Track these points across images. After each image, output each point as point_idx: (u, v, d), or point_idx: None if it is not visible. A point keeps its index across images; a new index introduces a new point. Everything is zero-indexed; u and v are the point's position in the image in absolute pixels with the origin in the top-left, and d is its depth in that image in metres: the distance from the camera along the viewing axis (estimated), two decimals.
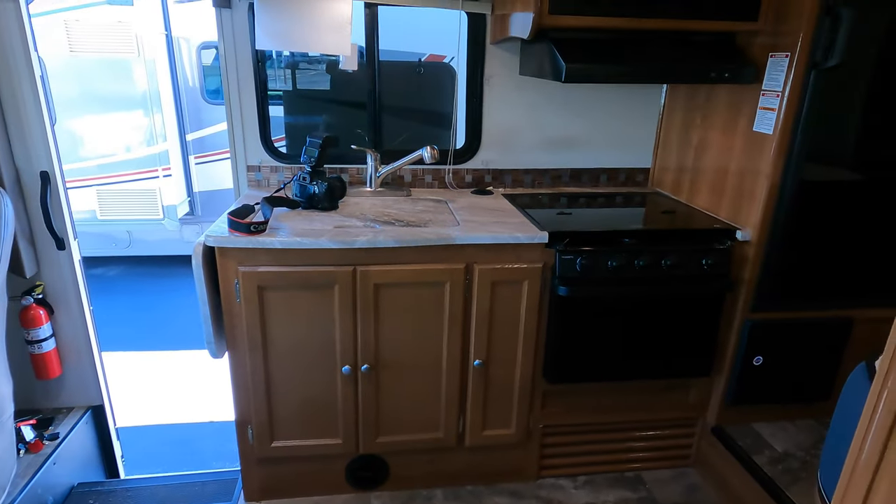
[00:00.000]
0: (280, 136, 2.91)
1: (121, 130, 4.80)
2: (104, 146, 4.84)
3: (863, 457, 0.81)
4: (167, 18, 4.87)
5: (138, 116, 4.78)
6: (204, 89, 5.17)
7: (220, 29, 2.09)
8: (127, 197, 4.93)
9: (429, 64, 2.59)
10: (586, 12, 1.73)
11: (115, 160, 4.86)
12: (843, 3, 1.62)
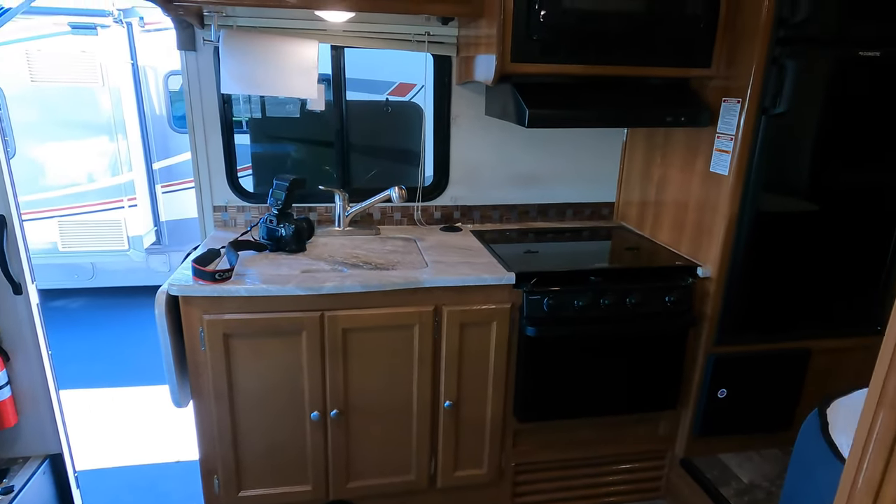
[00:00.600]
0: (246, 166, 2.90)
1: (84, 160, 4.70)
2: (67, 176, 4.72)
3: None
4: (133, 47, 4.81)
5: (103, 146, 4.69)
6: (171, 117, 5.11)
7: (185, 71, 2.09)
8: (90, 228, 4.81)
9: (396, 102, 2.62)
10: (546, 60, 1.77)
11: (79, 190, 4.75)
12: (787, 55, 1.70)
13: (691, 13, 1.80)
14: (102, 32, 4.45)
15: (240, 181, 2.26)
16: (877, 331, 2.10)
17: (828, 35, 1.74)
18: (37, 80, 4.43)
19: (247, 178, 2.64)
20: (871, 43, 1.76)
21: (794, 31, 1.69)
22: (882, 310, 2.08)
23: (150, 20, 4.72)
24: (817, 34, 1.72)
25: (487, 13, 1.79)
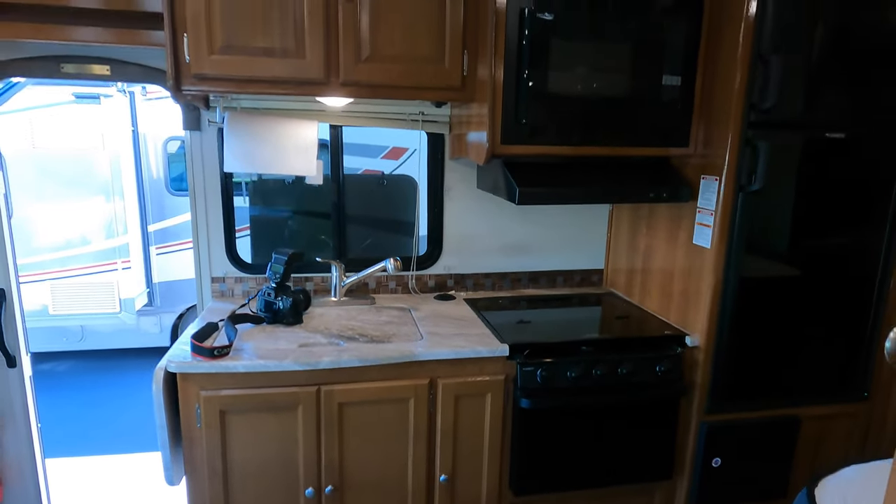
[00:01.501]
0: (244, 226, 2.97)
1: (80, 222, 4.75)
2: (62, 238, 4.76)
3: None
4: (134, 114, 4.97)
5: (99, 208, 4.76)
6: (168, 180, 5.22)
7: (189, 150, 2.18)
8: (83, 291, 4.80)
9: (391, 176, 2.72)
10: (534, 142, 1.88)
11: (73, 253, 4.78)
12: (759, 137, 1.82)
13: (668, 98, 1.93)
14: (105, 102, 4.61)
15: (238, 253, 2.31)
16: (864, 397, 2.14)
17: (796, 119, 1.87)
18: (38, 147, 4.55)
19: (244, 238, 2.70)
20: (837, 126, 1.90)
21: (764, 116, 1.82)
22: (866, 376, 2.13)
23: (152, 90, 4.89)
24: (786, 118, 1.85)
25: (478, 98, 1.91)
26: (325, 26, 1.77)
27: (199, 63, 1.72)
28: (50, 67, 2.03)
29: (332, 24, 1.77)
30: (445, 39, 1.85)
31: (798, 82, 1.83)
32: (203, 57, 1.72)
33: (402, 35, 1.82)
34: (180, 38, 1.71)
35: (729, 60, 1.81)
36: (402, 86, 1.87)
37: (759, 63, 1.78)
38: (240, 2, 1.71)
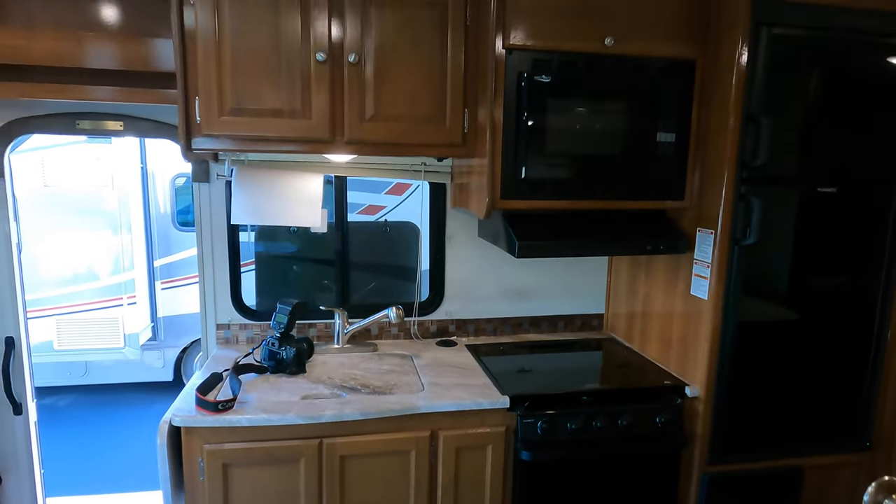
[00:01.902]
0: (249, 261, 3.01)
1: (87, 258, 4.82)
2: (69, 274, 4.82)
3: None
4: (143, 152, 5.08)
5: (107, 244, 4.83)
6: (175, 217, 5.30)
7: (198, 200, 2.24)
8: (87, 326, 4.84)
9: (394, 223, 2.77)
10: (533, 197, 1.93)
11: (80, 289, 4.83)
12: (752, 192, 1.87)
13: (663, 154, 1.98)
14: (116, 140, 4.72)
15: (243, 298, 2.35)
16: (866, 447, 2.14)
17: (788, 175, 1.92)
18: (49, 185, 4.64)
19: (248, 272, 2.75)
20: (828, 181, 1.95)
21: (756, 173, 1.87)
22: (867, 425, 2.13)
23: None
24: (778, 175, 1.90)
25: (479, 154, 1.96)
26: (331, 88, 1.84)
27: (210, 124, 1.79)
28: (67, 124, 2.11)
29: (337, 86, 1.85)
30: (447, 99, 1.92)
31: (788, 141, 1.89)
32: (213, 118, 1.79)
33: (405, 96, 1.89)
34: (192, 100, 1.78)
35: (720, 120, 1.87)
36: (404, 143, 1.93)
37: (749, 123, 1.83)
38: (250, 67, 1.78)
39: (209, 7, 1.73)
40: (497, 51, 1.82)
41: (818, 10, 1.83)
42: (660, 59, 1.93)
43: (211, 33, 1.75)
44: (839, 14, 1.84)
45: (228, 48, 1.76)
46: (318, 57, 1.80)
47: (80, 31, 1.92)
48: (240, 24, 1.76)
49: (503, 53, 1.83)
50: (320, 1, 1.79)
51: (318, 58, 1.80)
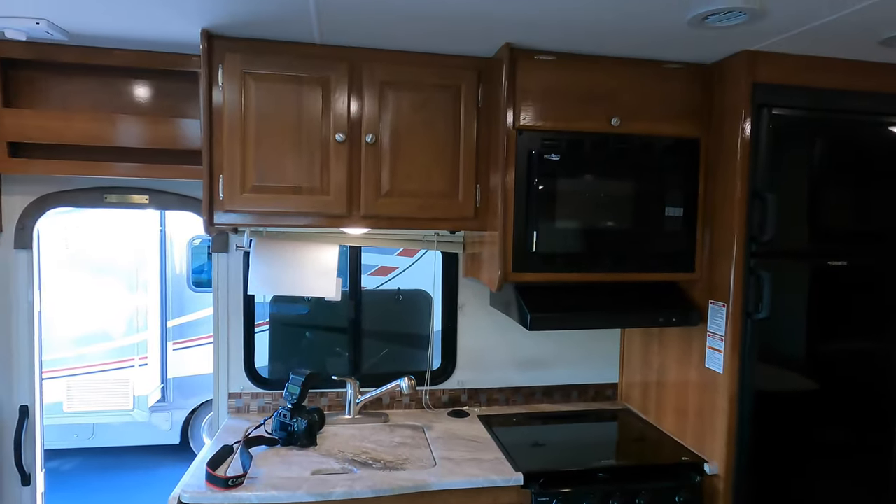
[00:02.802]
0: (263, 321, 3.03)
1: (102, 319, 4.87)
2: (83, 334, 4.86)
3: None
4: (163, 215, 5.23)
5: (122, 305, 4.89)
6: (190, 278, 5.38)
7: (216, 270, 2.29)
8: (98, 387, 4.83)
9: (407, 291, 2.81)
10: (545, 270, 1.97)
11: (93, 349, 4.86)
12: (761, 266, 1.89)
13: (672, 228, 2.02)
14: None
15: (256, 368, 2.36)
16: None
17: (797, 249, 1.94)
18: (70, 247, 4.77)
19: (262, 332, 2.76)
20: (838, 254, 1.96)
21: (765, 247, 1.89)
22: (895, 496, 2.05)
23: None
24: (787, 249, 1.92)
25: (490, 227, 2.01)
26: (349, 166, 1.92)
27: (232, 200, 1.86)
28: (95, 198, 2.20)
29: (354, 164, 1.93)
30: (459, 175, 1.99)
31: (795, 215, 1.93)
32: (236, 195, 1.86)
33: (419, 172, 1.96)
34: (216, 178, 1.86)
35: (727, 196, 1.92)
36: (418, 217, 1.99)
37: (755, 198, 1.88)
38: (272, 146, 1.87)
39: (236, 89, 1.84)
40: (508, 131, 1.90)
41: (817, 93, 1.91)
42: (665, 138, 2.00)
43: (237, 114, 1.85)
44: (837, 96, 1.92)
45: (253, 128, 1.86)
46: (337, 137, 1.89)
47: (113, 113, 2.04)
48: (264, 105, 1.86)
49: (514, 133, 1.91)
50: (340, 85, 1.90)
51: (337, 138, 1.89)
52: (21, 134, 1.97)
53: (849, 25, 1.63)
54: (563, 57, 1.94)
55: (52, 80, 2.05)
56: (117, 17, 1.70)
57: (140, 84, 2.10)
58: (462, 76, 1.97)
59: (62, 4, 1.61)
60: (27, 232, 2.16)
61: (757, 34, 1.72)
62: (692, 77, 2.00)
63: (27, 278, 2.19)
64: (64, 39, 1.88)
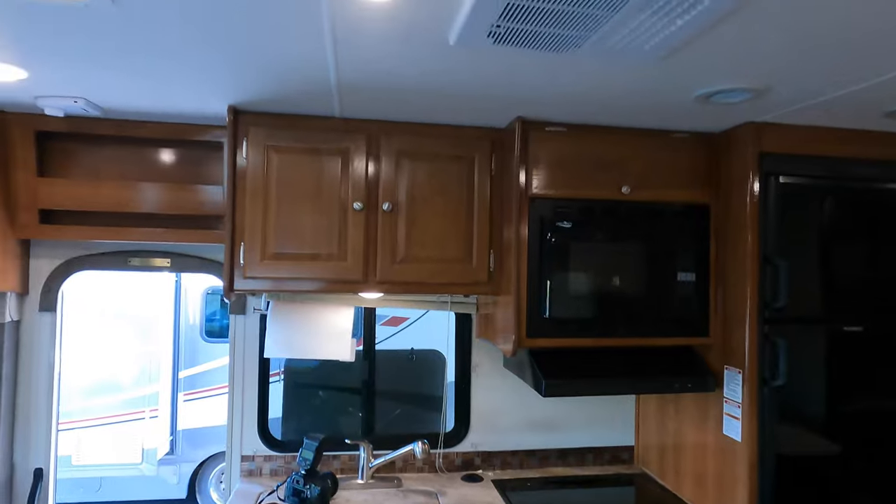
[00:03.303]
0: (276, 371, 3.02)
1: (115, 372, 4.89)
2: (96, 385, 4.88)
3: None
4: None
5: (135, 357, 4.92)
6: (203, 328, 5.41)
7: (233, 333, 2.32)
8: (109, 441, 4.81)
9: (420, 351, 2.82)
10: (558, 335, 1.98)
11: (104, 401, 4.86)
12: (776, 333, 1.89)
13: (684, 293, 2.03)
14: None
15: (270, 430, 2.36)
16: None
17: (811, 315, 1.94)
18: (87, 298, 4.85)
19: (275, 383, 2.75)
20: (853, 320, 1.96)
21: (779, 313, 1.90)
22: None
23: None
24: (802, 315, 1.92)
25: (504, 291, 2.04)
26: (366, 234, 1.97)
27: (252, 268, 1.91)
28: (119, 261, 2.26)
29: (371, 232, 1.98)
30: (473, 241, 2.04)
31: (808, 280, 1.93)
32: (255, 262, 1.91)
33: (434, 239, 2.01)
34: (237, 245, 1.92)
35: (738, 262, 1.94)
36: (433, 282, 2.03)
37: (766, 264, 1.89)
38: (292, 216, 1.93)
39: (259, 161, 1.92)
40: (520, 198, 1.96)
41: (824, 161, 1.95)
42: (675, 204, 2.04)
43: (259, 184, 1.92)
44: (845, 164, 1.96)
45: (274, 198, 1.93)
46: (355, 206, 1.95)
47: (140, 181, 2.12)
48: (286, 175, 1.93)
49: (526, 201, 1.96)
50: (359, 155, 1.97)
51: (355, 206, 1.95)
52: (53, 202, 2.06)
53: (852, 100, 1.68)
54: (574, 128, 2.00)
55: (84, 149, 2.15)
56: (152, 96, 1.80)
57: (166, 152, 2.19)
58: (476, 146, 2.04)
59: (101, 85, 1.71)
60: (52, 294, 2.22)
61: (762, 108, 1.78)
62: (700, 146, 2.06)
63: (50, 340, 2.23)
64: (98, 114, 1.98)
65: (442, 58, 1.42)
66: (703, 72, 1.48)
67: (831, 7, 1.11)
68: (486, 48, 1.31)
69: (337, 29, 1.27)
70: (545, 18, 1.14)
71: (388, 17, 1.21)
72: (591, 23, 1.16)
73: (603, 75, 1.53)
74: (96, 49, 1.42)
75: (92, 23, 1.26)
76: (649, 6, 1.09)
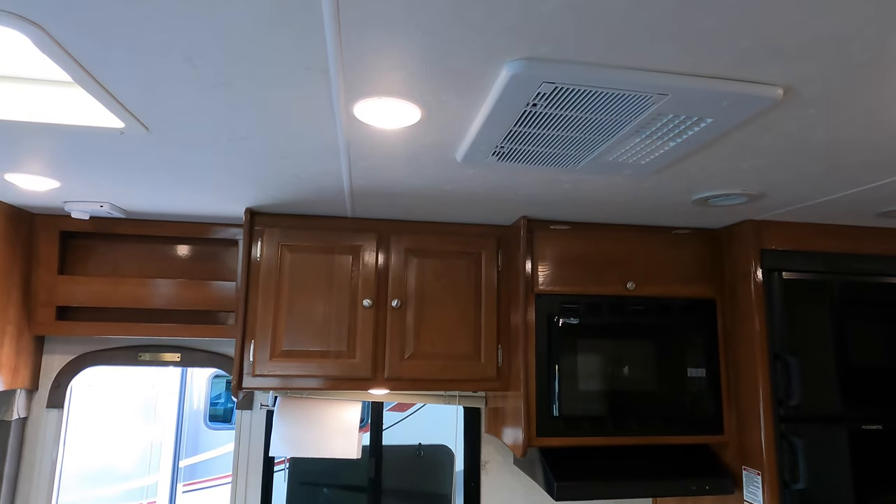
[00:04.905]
0: (281, 460, 2.92)
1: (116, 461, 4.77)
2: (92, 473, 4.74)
3: None
4: None
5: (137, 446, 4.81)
6: (207, 414, 5.32)
7: (239, 428, 2.29)
8: None
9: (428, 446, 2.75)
10: (569, 434, 1.94)
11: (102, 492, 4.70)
12: (792, 432, 1.84)
13: (696, 390, 2.01)
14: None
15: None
16: None
17: (828, 414, 1.90)
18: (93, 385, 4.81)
19: (280, 472, 2.65)
20: (871, 419, 1.91)
21: (794, 411, 1.86)
22: None
23: None
24: (818, 413, 1.89)
25: (513, 387, 2.02)
26: (374, 331, 1.99)
27: (262, 366, 1.92)
28: (130, 356, 2.28)
29: (380, 329, 2.00)
30: (481, 339, 2.05)
31: (822, 378, 1.91)
32: (265, 361, 1.93)
33: (442, 336, 2.03)
34: (248, 343, 1.94)
35: (748, 359, 1.93)
36: (441, 379, 2.02)
37: (777, 361, 1.88)
38: (304, 314, 1.97)
39: (273, 260, 1.98)
40: (527, 295, 1.99)
41: (825, 256, 1.99)
42: (681, 299, 2.06)
43: (272, 283, 1.97)
44: (845, 259, 1.99)
45: (286, 296, 1.97)
46: (364, 303, 1.99)
47: (157, 278, 2.18)
48: (298, 273, 1.99)
49: (533, 297, 1.99)
50: (369, 252, 2.03)
51: (364, 304, 1.99)
52: (72, 299, 2.11)
53: (845, 203, 1.74)
54: (577, 226, 2.07)
55: (104, 247, 2.23)
56: (174, 201, 1.89)
57: (182, 248, 2.27)
58: (482, 244, 2.10)
59: (127, 193, 1.80)
60: (61, 390, 2.22)
61: (759, 208, 1.84)
62: (702, 242, 2.11)
63: (55, 437, 2.21)
64: (121, 216, 2.07)
65: (449, 171, 1.51)
66: (698, 181, 1.55)
67: (811, 128, 1.19)
68: (490, 164, 1.39)
69: (351, 149, 1.36)
70: (545, 142, 1.23)
71: (399, 141, 1.30)
72: (588, 146, 1.24)
73: (602, 183, 1.60)
74: (127, 168, 1.52)
75: (125, 146, 1.36)
76: (643, 132, 1.17)
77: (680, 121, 1.10)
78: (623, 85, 0.97)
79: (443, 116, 1.16)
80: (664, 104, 1.03)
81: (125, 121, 1.21)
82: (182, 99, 1.11)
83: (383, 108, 1.12)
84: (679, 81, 0.96)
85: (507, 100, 1.03)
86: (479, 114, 1.13)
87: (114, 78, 1.02)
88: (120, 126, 1.23)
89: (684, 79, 0.96)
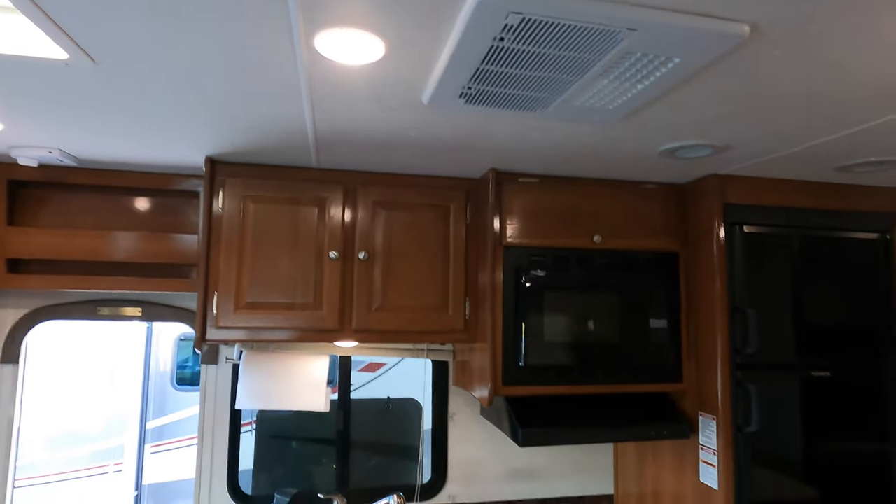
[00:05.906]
0: (248, 421, 2.93)
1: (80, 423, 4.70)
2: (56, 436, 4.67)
3: None
4: None
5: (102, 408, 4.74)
6: (174, 375, 5.26)
7: (204, 384, 2.27)
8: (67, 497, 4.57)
9: (397, 400, 2.78)
10: (535, 383, 1.98)
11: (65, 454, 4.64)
12: (747, 379, 1.92)
13: (658, 340, 2.06)
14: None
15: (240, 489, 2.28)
16: None
17: (781, 361, 1.98)
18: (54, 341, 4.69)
19: (247, 433, 2.67)
20: (820, 366, 2.00)
21: (750, 360, 1.93)
22: None
23: None
24: (772, 361, 1.96)
25: (480, 339, 2.04)
26: (341, 283, 1.97)
27: (226, 317, 1.89)
28: (88, 311, 2.22)
29: (347, 281, 1.98)
30: (449, 290, 2.05)
31: (777, 328, 1.98)
32: (229, 312, 1.89)
33: (410, 288, 2.02)
34: (211, 295, 1.90)
35: (708, 310, 1.98)
36: (409, 331, 2.02)
37: (735, 313, 1.94)
38: (268, 265, 1.93)
39: (236, 211, 1.93)
40: (495, 247, 1.99)
41: (785, 211, 2.04)
42: (646, 252, 2.10)
43: (235, 234, 1.92)
44: (805, 214, 2.05)
45: (250, 247, 1.93)
46: (331, 255, 1.96)
47: (115, 231, 2.10)
48: (262, 225, 1.94)
49: (501, 250, 1.99)
50: (335, 205, 2.00)
51: (331, 255, 1.96)
52: (24, 251, 2.02)
53: (805, 156, 1.77)
54: (546, 179, 2.07)
55: (57, 197, 2.13)
56: (128, 148, 1.81)
57: (141, 200, 2.19)
58: (451, 196, 2.08)
59: (77, 138, 1.72)
60: (16, 345, 2.15)
61: (723, 162, 1.87)
62: (669, 196, 2.14)
63: (10, 393, 2.15)
64: (73, 164, 1.98)
65: (415, 115, 1.47)
66: (665, 129, 1.56)
67: (776, 73, 1.19)
68: (457, 107, 1.36)
69: (314, 90, 1.31)
70: (513, 82, 1.20)
71: (363, 79, 1.25)
72: (557, 86, 1.22)
73: (570, 131, 1.59)
74: (74, 105, 1.43)
75: (71, 80, 1.28)
76: (611, 72, 1.15)
77: (648, 60, 1.09)
78: (591, 17, 0.94)
79: (408, 52, 1.12)
80: (632, 41, 1.02)
81: (69, 51, 1.13)
82: (130, 30, 1.04)
83: (345, 41, 1.07)
84: (647, 15, 0.94)
85: (474, 33, 1.00)
86: (445, 51, 1.10)
87: (55, 2, 0.95)
88: (64, 57, 1.16)
89: (652, 12, 0.94)
